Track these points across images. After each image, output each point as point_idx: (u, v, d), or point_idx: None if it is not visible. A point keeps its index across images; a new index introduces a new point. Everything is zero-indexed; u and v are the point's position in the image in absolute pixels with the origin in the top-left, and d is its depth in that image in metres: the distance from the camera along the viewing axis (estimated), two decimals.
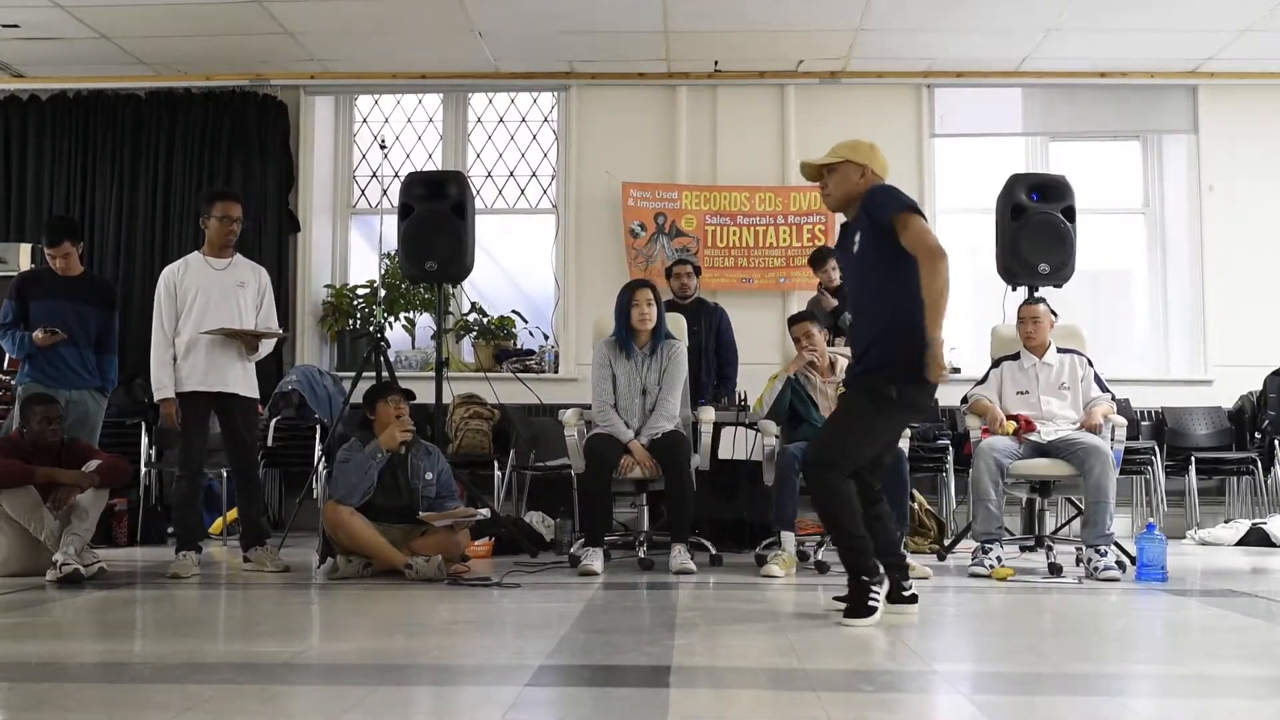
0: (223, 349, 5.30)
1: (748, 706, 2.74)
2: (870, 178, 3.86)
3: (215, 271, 5.37)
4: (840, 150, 3.92)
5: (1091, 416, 5.39)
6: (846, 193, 3.90)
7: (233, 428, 5.38)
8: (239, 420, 5.39)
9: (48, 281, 5.73)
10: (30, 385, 5.55)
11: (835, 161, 3.90)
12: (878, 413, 3.81)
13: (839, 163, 3.89)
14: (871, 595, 3.73)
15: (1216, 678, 3.05)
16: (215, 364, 5.28)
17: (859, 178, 3.86)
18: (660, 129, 8.27)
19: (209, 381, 5.28)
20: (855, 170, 3.87)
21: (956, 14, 7.23)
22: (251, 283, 5.44)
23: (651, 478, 5.45)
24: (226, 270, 5.39)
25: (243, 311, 5.37)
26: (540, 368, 8.24)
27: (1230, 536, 6.86)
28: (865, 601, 3.72)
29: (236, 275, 5.41)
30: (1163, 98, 8.28)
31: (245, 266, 5.50)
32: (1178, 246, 8.36)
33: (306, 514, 6.26)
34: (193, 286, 5.32)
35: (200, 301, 5.29)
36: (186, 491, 5.37)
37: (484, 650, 3.42)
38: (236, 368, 5.35)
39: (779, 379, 5.59)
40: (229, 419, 5.38)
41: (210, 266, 5.38)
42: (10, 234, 8.02)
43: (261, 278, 5.53)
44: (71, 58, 7.93)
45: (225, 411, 5.37)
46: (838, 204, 3.96)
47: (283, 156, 8.26)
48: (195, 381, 5.27)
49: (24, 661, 3.21)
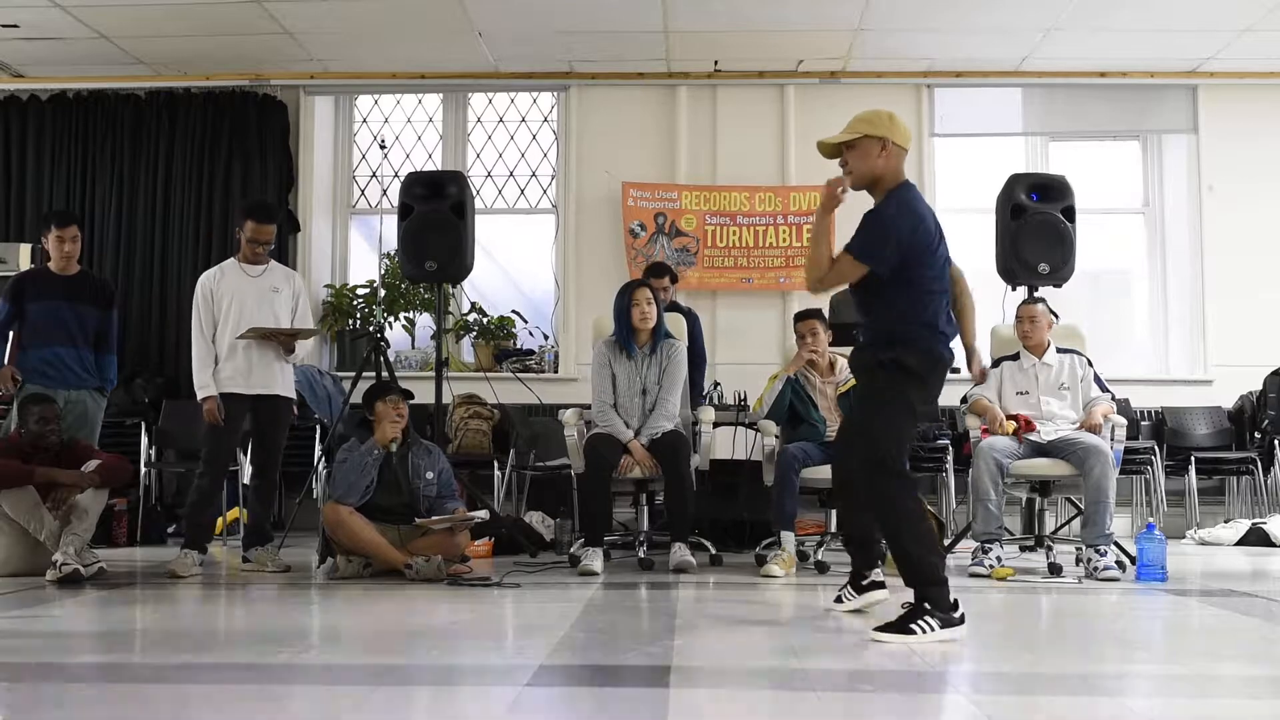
0: (261, 352, 5.37)
1: (748, 706, 2.74)
2: (892, 150, 3.63)
3: (250, 278, 5.46)
4: (857, 125, 3.66)
5: (1091, 416, 5.39)
6: (870, 169, 3.64)
7: (265, 428, 5.47)
8: (272, 420, 5.46)
9: (45, 282, 5.69)
10: (29, 386, 5.53)
11: (854, 137, 3.65)
12: (890, 383, 3.59)
13: (858, 138, 3.64)
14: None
15: (1216, 678, 3.05)
16: (257, 367, 5.36)
17: (880, 152, 3.63)
18: (660, 129, 8.27)
19: (251, 384, 5.36)
20: (874, 145, 3.63)
21: (956, 14, 7.23)
22: (285, 288, 5.53)
23: (651, 477, 5.45)
24: (261, 276, 5.48)
25: (277, 316, 5.44)
26: (540, 368, 8.24)
27: (1230, 536, 6.86)
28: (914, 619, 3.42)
29: (270, 281, 5.49)
30: (1162, 98, 8.28)
31: (279, 272, 5.61)
32: (1177, 246, 8.36)
33: (306, 514, 6.26)
34: (228, 293, 5.41)
35: (235, 307, 5.38)
36: (206, 490, 5.41)
37: (484, 650, 3.42)
38: (276, 369, 5.43)
39: (779, 379, 5.59)
40: (263, 419, 5.45)
41: (245, 273, 5.47)
42: (10, 234, 8.02)
43: (295, 283, 5.63)
44: (71, 58, 7.92)
45: (262, 412, 5.43)
46: (860, 182, 3.69)
47: (282, 156, 8.26)
48: (238, 384, 5.34)
49: (24, 661, 3.21)
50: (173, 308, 7.95)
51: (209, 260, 7.26)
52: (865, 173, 3.66)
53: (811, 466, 5.34)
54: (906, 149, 3.70)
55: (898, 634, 3.36)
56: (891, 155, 3.64)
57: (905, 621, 3.39)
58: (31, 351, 5.56)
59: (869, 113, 3.71)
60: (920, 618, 3.38)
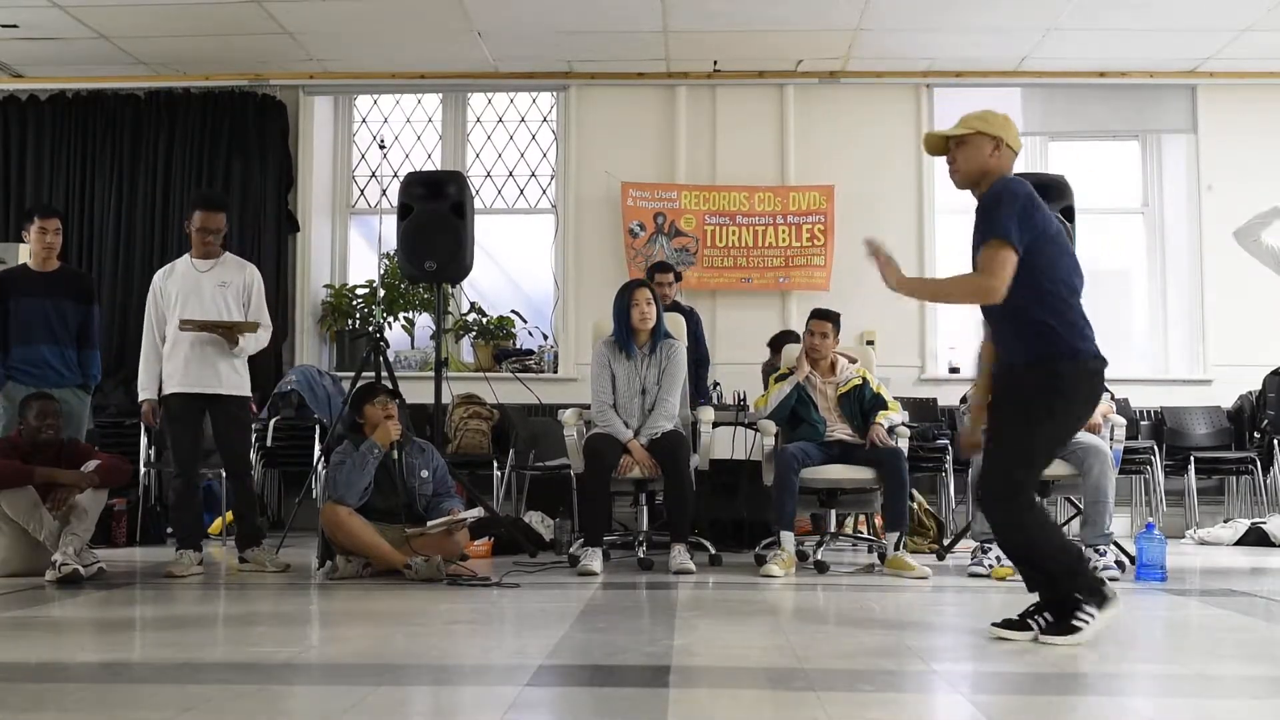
0: (206, 348, 5.28)
1: (748, 706, 2.74)
2: (1004, 151, 3.50)
3: (198, 273, 5.38)
4: (971, 121, 3.53)
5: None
6: (979, 167, 3.50)
7: (220, 429, 5.38)
8: (227, 422, 5.37)
9: (24, 280, 5.62)
10: (12, 386, 5.50)
11: (966, 133, 3.51)
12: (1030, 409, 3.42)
13: (970, 134, 3.50)
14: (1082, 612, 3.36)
15: (1216, 678, 3.05)
16: (200, 365, 5.26)
17: (992, 151, 3.48)
18: (659, 129, 8.27)
19: (192, 382, 5.27)
20: (988, 143, 3.48)
21: (955, 14, 7.23)
22: (235, 281, 5.41)
23: (651, 477, 5.45)
24: (210, 271, 5.38)
25: (225, 311, 5.33)
26: (539, 368, 8.24)
27: (1229, 536, 6.87)
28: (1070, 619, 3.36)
29: (220, 275, 5.39)
30: (1162, 97, 8.29)
31: (232, 265, 5.47)
32: (1177, 246, 8.37)
33: (306, 514, 6.26)
34: (175, 288, 5.34)
35: (181, 302, 5.30)
36: (181, 490, 5.37)
37: (484, 650, 3.41)
38: (222, 367, 5.31)
39: (788, 381, 5.58)
40: (217, 421, 5.37)
41: (195, 268, 5.40)
42: (10, 234, 8.01)
43: (248, 275, 5.47)
44: (70, 58, 7.93)
45: (214, 413, 5.36)
46: (966, 180, 3.54)
47: (282, 156, 8.26)
48: (177, 382, 5.27)
49: (24, 661, 3.21)
50: None
51: None
52: (972, 170, 3.52)
53: (811, 466, 5.34)
54: (1017, 153, 3.57)
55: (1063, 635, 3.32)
56: (1004, 157, 3.51)
57: (1066, 620, 3.34)
58: (14, 350, 5.52)
59: (984, 111, 3.60)
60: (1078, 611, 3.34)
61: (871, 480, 5.41)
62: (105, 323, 6.99)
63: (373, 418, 5.22)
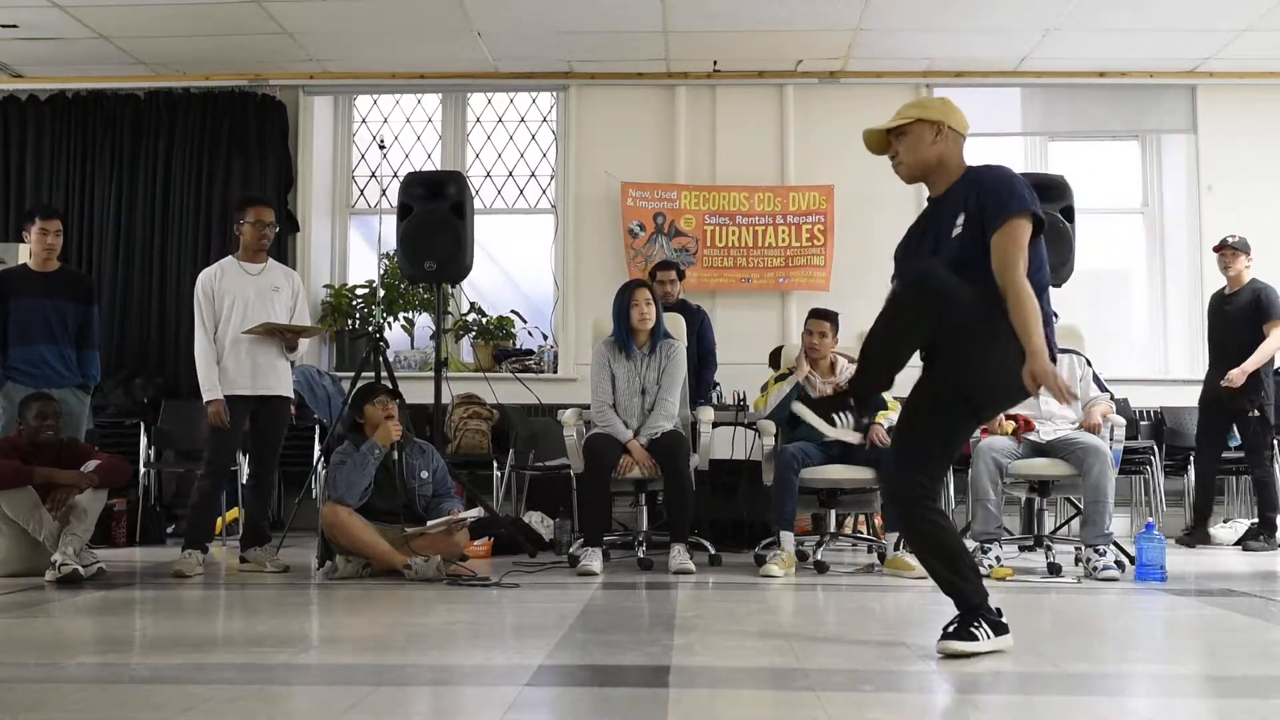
0: (263, 350, 5.35)
1: (747, 706, 2.74)
2: (948, 135, 3.31)
3: (250, 276, 5.43)
4: (908, 110, 3.35)
5: (1090, 416, 5.40)
6: (921, 158, 3.32)
7: (264, 426, 5.44)
8: (274, 420, 5.45)
9: (23, 280, 5.63)
10: (12, 386, 5.51)
11: (903, 123, 3.33)
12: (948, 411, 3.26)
13: (908, 124, 3.32)
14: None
15: (1216, 678, 3.06)
16: (257, 366, 5.34)
17: (934, 137, 3.30)
18: (659, 129, 8.27)
19: (255, 385, 5.34)
20: (928, 129, 3.30)
21: (955, 13, 7.23)
22: (285, 287, 5.51)
23: (651, 477, 5.45)
24: (261, 275, 5.45)
25: (277, 315, 5.41)
26: (539, 368, 8.24)
27: (1229, 536, 6.86)
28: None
29: (270, 279, 5.47)
30: (1161, 97, 8.29)
31: (278, 271, 5.57)
32: (1176, 246, 8.37)
33: (305, 514, 6.26)
34: (228, 291, 5.37)
35: (239, 307, 5.34)
36: (208, 491, 5.40)
37: (484, 650, 3.41)
38: (277, 368, 5.41)
39: (788, 381, 5.58)
40: (262, 418, 5.42)
41: (245, 271, 5.44)
42: (10, 234, 8.01)
43: (294, 282, 5.60)
44: (70, 58, 7.92)
45: (262, 412, 5.41)
46: (912, 173, 3.37)
47: (282, 156, 8.26)
48: (241, 385, 5.32)
49: (24, 662, 3.21)
50: (172, 308, 7.96)
51: (208, 261, 7.23)
52: (917, 163, 3.34)
53: (811, 466, 5.34)
54: (964, 135, 3.37)
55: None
56: (949, 140, 3.32)
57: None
58: (14, 351, 5.52)
59: (920, 99, 3.49)
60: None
61: (871, 480, 5.41)
62: (105, 323, 6.99)
63: (373, 418, 5.22)
